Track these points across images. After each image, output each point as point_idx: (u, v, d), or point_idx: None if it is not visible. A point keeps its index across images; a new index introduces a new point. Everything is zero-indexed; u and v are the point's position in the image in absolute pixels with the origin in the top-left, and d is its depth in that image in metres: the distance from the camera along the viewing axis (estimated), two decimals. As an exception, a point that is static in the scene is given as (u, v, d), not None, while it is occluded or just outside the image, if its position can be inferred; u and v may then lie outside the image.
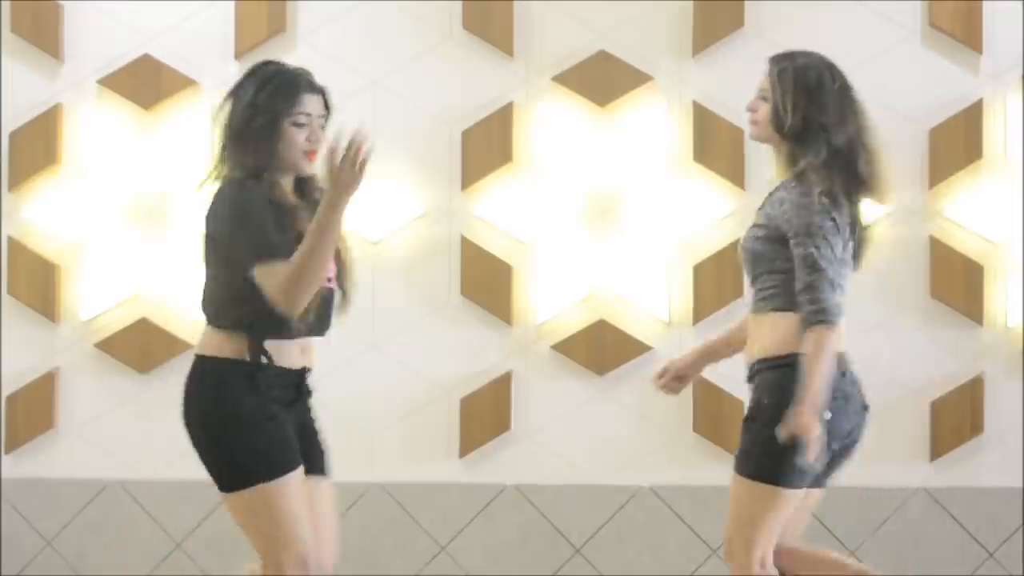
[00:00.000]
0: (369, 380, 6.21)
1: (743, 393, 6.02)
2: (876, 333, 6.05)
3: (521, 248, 6.11)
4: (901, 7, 5.99)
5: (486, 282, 6.20)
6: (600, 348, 6.18)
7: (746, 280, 4.02)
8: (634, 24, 6.12)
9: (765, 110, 3.91)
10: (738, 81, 5.91)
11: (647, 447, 6.14)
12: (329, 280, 3.82)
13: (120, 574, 6.16)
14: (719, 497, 5.83)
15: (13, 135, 6.07)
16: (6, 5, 6.16)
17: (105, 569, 6.17)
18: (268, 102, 3.81)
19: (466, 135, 6.07)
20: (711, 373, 6.00)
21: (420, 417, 6.22)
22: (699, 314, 6.15)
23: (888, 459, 6.10)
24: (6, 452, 6.23)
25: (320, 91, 3.90)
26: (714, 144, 6.00)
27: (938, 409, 6.03)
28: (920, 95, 5.93)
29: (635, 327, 6.11)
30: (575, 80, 6.10)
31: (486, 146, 6.22)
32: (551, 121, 5.95)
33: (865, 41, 6.00)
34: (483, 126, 5.87)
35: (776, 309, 3.87)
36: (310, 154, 3.83)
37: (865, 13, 6.05)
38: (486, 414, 6.19)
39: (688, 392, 5.90)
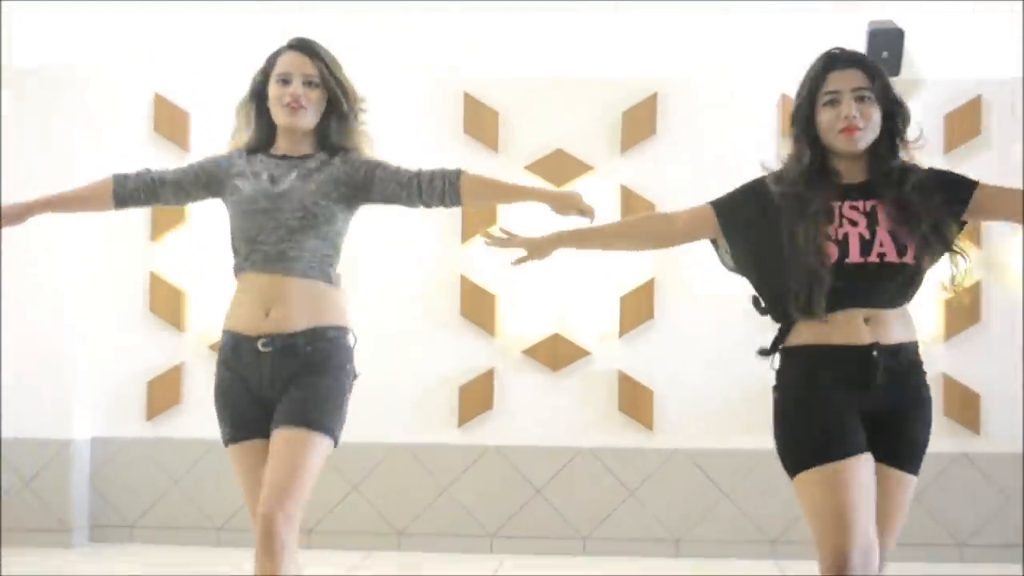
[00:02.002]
0: (395, 370, 6.71)
1: (653, 384, 6.52)
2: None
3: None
4: (769, 114, 6.55)
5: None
6: (555, 353, 6.68)
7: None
8: (581, 130, 6.72)
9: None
10: (653, 172, 6.71)
11: (586, 421, 6.68)
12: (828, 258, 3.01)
13: (223, 505, 6.70)
14: (636, 456, 6.59)
15: (154, 204, 6.81)
16: (150, 111, 6.91)
17: (215, 501, 6.73)
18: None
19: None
20: (630, 368, 6.51)
21: (430, 397, 6.74)
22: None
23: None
24: (147, 419, 6.85)
25: None
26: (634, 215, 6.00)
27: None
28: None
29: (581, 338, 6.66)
30: (540, 168, 6.73)
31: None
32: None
33: (745, 139, 6.51)
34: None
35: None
36: (846, 130, 3.05)
37: (739, 119, 6.63)
38: (477, 397, 6.73)
39: (615, 384, 6.60)
